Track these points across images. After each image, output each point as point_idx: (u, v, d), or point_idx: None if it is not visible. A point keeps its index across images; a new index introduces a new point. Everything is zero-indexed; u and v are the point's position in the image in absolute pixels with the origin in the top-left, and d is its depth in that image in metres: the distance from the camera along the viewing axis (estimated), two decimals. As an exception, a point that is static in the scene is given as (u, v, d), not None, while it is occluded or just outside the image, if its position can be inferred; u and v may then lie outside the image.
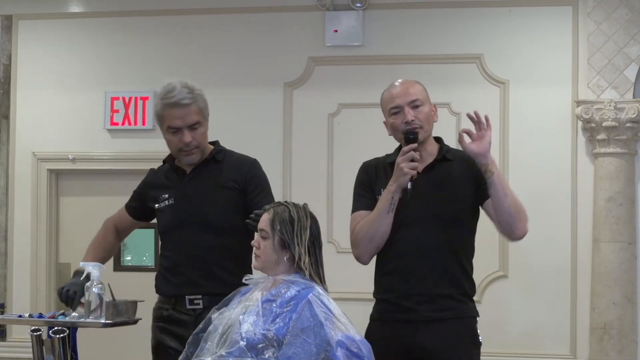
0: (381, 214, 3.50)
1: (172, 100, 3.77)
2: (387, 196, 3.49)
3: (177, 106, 3.76)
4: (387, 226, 3.51)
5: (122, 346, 6.55)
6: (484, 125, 3.46)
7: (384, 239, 3.54)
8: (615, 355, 5.92)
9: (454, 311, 3.48)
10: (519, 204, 3.49)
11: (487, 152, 3.43)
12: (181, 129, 3.77)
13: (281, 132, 6.42)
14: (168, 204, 3.86)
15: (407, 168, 3.44)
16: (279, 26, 6.52)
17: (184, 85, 3.79)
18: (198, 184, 3.83)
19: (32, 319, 3.87)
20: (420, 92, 3.60)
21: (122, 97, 6.65)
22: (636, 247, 6.03)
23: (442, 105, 6.17)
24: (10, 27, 6.83)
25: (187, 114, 3.76)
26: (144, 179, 4.06)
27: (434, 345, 3.44)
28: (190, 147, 3.80)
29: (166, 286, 3.86)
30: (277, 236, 3.25)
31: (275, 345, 3.07)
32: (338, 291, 5.06)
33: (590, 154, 6.11)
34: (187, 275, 3.77)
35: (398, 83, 3.64)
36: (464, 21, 6.32)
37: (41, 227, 6.72)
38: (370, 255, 3.62)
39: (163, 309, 3.85)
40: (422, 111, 3.56)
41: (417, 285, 3.48)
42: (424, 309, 3.46)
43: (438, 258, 3.49)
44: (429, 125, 3.59)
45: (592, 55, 6.07)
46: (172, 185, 3.89)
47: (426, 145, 3.60)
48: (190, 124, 3.77)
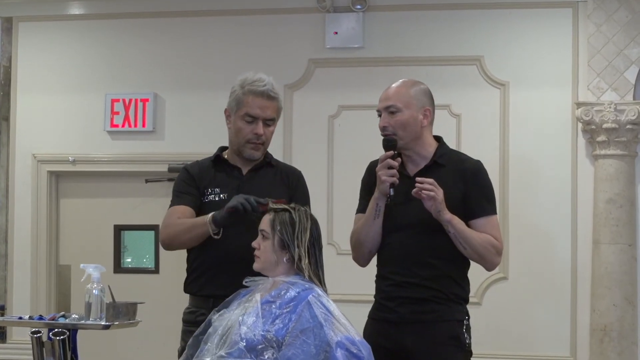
0: (368, 220, 3.58)
1: (260, 89, 3.72)
2: (372, 203, 3.56)
3: (263, 95, 3.71)
4: (376, 232, 3.58)
5: (122, 348, 6.55)
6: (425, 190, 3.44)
7: (374, 244, 3.61)
8: (616, 357, 5.92)
9: (435, 314, 3.52)
10: (484, 247, 3.52)
11: (439, 215, 3.44)
12: (257, 120, 3.71)
13: (281, 133, 6.42)
14: (218, 199, 3.71)
15: (385, 176, 3.49)
16: (279, 28, 6.52)
17: (270, 81, 3.75)
18: (256, 185, 3.72)
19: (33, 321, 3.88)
20: (402, 96, 3.57)
21: (122, 99, 6.65)
22: (636, 249, 6.02)
23: (442, 107, 6.18)
24: (10, 29, 6.83)
25: (269, 106, 3.72)
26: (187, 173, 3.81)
27: (414, 346, 3.50)
28: (259, 141, 3.73)
29: (203, 287, 3.70)
30: (277, 236, 3.27)
31: (275, 346, 3.07)
32: (338, 293, 5.07)
33: (590, 155, 6.11)
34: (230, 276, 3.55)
35: (391, 85, 3.65)
36: (464, 23, 6.32)
37: (41, 229, 6.72)
38: (365, 259, 3.68)
39: (198, 312, 3.66)
40: (396, 117, 3.55)
41: (401, 288, 3.54)
42: (406, 311, 3.52)
43: (421, 263, 3.53)
44: (406, 132, 3.55)
45: (592, 57, 6.07)
46: (226, 181, 3.77)
47: (417, 149, 3.60)
48: (268, 117, 3.73)
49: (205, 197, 3.74)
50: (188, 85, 6.52)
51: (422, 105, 3.60)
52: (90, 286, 3.89)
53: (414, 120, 3.57)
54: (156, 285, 6.48)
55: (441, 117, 6.38)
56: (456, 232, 3.47)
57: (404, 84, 3.64)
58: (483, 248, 3.52)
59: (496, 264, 3.60)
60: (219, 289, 3.57)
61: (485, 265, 3.58)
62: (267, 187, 3.72)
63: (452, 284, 3.57)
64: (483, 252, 3.52)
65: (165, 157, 6.50)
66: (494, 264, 3.59)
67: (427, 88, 3.67)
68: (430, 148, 3.63)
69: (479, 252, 3.51)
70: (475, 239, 3.49)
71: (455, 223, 3.46)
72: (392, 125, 3.55)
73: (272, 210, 3.33)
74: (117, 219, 6.73)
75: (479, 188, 3.57)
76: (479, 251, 3.51)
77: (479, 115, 6.26)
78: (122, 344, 6.49)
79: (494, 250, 3.54)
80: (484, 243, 3.51)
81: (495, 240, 3.54)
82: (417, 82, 3.68)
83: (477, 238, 3.50)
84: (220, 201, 3.67)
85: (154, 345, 6.34)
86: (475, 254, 3.52)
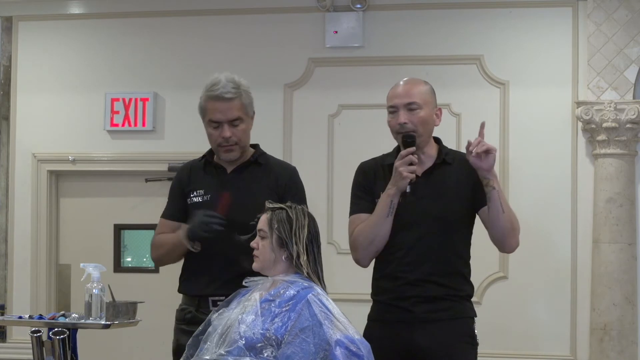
0: (380, 217, 3.52)
1: (215, 93, 3.74)
2: (386, 200, 3.50)
3: (219, 99, 3.72)
4: (387, 230, 3.53)
5: (122, 347, 6.55)
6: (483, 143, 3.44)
7: (383, 242, 3.56)
8: (616, 356, 5.92)
9: (450, 312, 3.51)
10: (514, 220, 3.51)
11: (491, 168, 3.44)
12: (222, 123, 3.73)
13: (281, 133, 6.43)
14: (202, 200, 3.77)
15: (406, 172, 3.46)
16: (279, 27, 6.52)
17: (230, 79, 3.76)
18: (238, 184, 3.76)
19: (33, 320, 3.88)
20: (422, 94, 3.58)
21: (122, 99, 6.65)
22: (636, 248, 6.02)
23: (442, 107, 6.14)
24: (10, 29, 6.83)
25: (228, 108, 3.72)
26: (176, 177, 3.93)
27: (429, 345, 3.46)
28: (229, 143, 3.74)
29: (191, 286, 3.79)
30: (275, 235, 3.27)
31: (274, 345, 3.08)
32: (338, 292, 5.07)
33: (590, 155, 6.11)
34: (214, 275, 3.70)
35: (403, 82, 3.63)
36: (464, 22, 6.32)
37: (41, 228, 6.72)
38: (370, 259, 3.64)
39: (186, 310, 3.77)
40: (418, 114, 3.55)
41: (415, 287, 3.51)
42: (420, 310, 3.49)
43: (435, 261, 3.51)
44: (425, 129, 3.57)
45: (592, 56, 6.07)
46: (210, 182, 3.81)
47: (425, 148, 3.61)
48: (231, 118, 3.73)
49: (190, 199, 3.80)
50: (188, 84, 6.51)
51: (435, 105, 3.63)
52: (90, 285, 3.89)
53: (431, 119, 3.59)
54: (156, 284, 6.48)
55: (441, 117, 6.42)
56: (499, 191, 3.43)
57: (419, 82, 3.64)
58: (515, 218, 3.50)
59: (515, 246, 3.55)
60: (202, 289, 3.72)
61: (509, 242, 3.51)
62: (250, 186, 3.76)
63: (463, 281, 3.57)
64: (515, 223, 3.49)
65: (165, 157, 6.50)
66: (517, 242, 3.54)
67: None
68: (434, 147, 3.65)
69: (512, 221, 3.48)
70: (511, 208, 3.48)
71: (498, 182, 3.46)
72: (413, 122, 3.54)
73: (268, 209, 3.34)
74: (117, 219, 6.74)
75: None
76: (512, 219, 3.48)
77: (479, 115, 6.21)
78: (122, 344, 6.49)
79: (518, 225, 3.52)
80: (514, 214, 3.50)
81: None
82: (426, 82, 3.68)
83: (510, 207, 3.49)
84: (204, 202, 3.75)
85: (153, 344, 6.34)
86: (509, 222, 3.46)
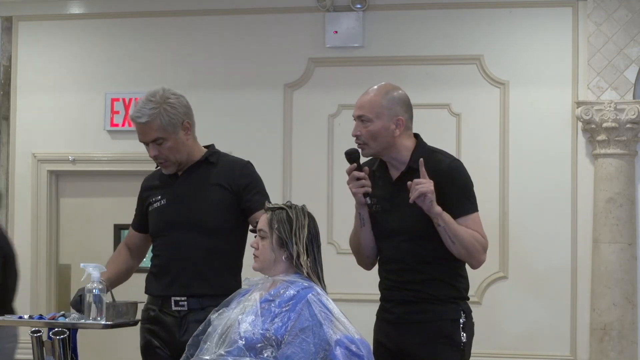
0: (356, 228, 3.63)
1: (132, 118, 3.80)
2: (355, 212, 3.59)
3: (135, 123, 3.76)
4: (367, 239, 3.61)
5: (122, 347, 6.55)
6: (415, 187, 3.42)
7: (370, 249, 3.64)
8: (616, 356, 5.92)
9: (428, 314, 3.53)
10: (469, 245, 3.49)
11: (430, 209, 3.42)
12: (147, 144, 3.78)
13: (281, 133, 6.43)
14: (159, 205, 3.84)
15: (355, 189, 3.52)
16: (279, 27, 6.53)
17: (150, 98, 3.72)
18: (189, 185, 3.81)
19: (33, 320, 3.87)
20: (374, 106, 3.52)
21: (122, 99, 6.65)
22: (636, 248, 6.03)
23: (442, 106, 6.19)
24: (10, 29, 6.83)
25: (145, 130, 3.74)
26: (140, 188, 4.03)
27: (409, 345, 3.52)
28: (158, 160, 3.80)
29: (154, 287, 3.84)
30: (275, 235, 3.27)
31: (274, 345, 3.08)
32: (338, 292, 5.07)
33: (590, 154, 6.11)
34: (175, 276, 3.75)
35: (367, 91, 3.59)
36: (464, 22, 6.32)
37: (41, 228, 6.72)
38: (366, 263, 3.71)
39: (150, 309, 3.82)
40: (367, 127, 3.52)
41: (392, 292, 3.58)
42: (400, 311, 3.55)
43: (409, 269, 3.54)
44: (377, 142, 3.53)
45: (592, 56, 6.07)
46: (164, 186, 3.87)
47: (393, 155, 3.58)
48: (149, 140, 3.75)
49: (151, 204, 3.88)
50: (188, 84, 6.51)
51: (394, 114, 3.53)
52: (90, 285, 3.88)
53: (386, 131, 3.53)
54: (156, 284, 6.47)
55: (441, 117, 6.43)
56: (446, 226, 3.43)
57: (378, 91, 3.57)
58: (471, 244, 3.49)
59: (482, 262, 3.57)
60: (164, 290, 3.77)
61: (471, 262, 3.55)
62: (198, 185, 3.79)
63: (442, 285, 3.56)
64: (471, 248, 3.50)
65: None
66: (480, 262, 3.56)
67: (404, 94, 3.58)
68: (407, 152, 3.58)
69: (467, 248, 3.49)
70: (463, 235, 3.47)
71: (445, 217, 3.44)
72: (364, 135, 3.53)
73: (268, 209, 3.34)
74: (117, 218, 6.73)
75: (457, 188, 3.53)
76: (467, 246, 3.48)
77: (479, 115, 6.26)
78: (122, 344, 6.48)
79: (480, 247, 3.52)
80: (471, 239, 3.49)
81: (481, 237, 3.53)
82: (393, 88, 3.59)
83: (465, 233, 3.48)
84: (160, 207, 3.84)
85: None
86: (463, 249, 3.48)
